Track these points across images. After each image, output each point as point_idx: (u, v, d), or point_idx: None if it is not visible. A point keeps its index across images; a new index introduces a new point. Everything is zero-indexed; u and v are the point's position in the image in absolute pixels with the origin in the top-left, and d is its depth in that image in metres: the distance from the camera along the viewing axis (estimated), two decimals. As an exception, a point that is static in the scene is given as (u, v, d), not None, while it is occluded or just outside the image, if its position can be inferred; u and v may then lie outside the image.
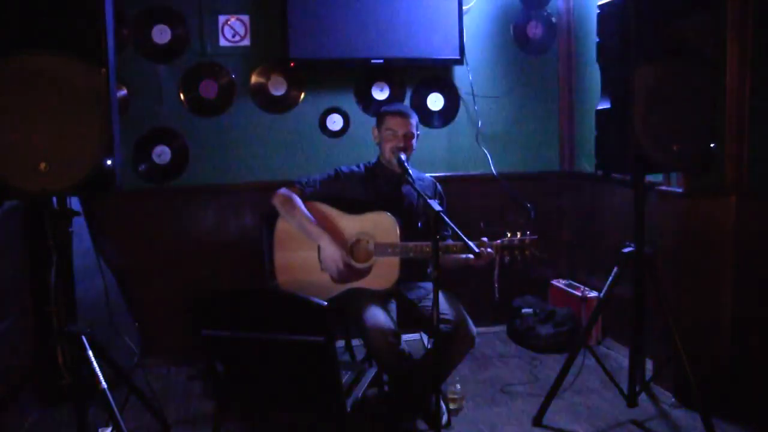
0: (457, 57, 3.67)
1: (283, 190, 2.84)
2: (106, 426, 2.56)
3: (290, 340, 2.01)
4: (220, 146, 3.60)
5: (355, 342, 3.07)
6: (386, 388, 2.66)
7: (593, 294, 3.70)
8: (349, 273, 2.72)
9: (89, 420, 2.36)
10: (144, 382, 2.87)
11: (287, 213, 2.78)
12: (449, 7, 3.62)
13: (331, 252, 2.69)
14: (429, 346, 2.75)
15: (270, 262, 2.88)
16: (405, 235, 2.70)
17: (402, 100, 3.77)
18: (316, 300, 1.95)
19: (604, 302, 2.84)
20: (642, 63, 2.45)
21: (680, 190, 2.94)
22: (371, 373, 2.43)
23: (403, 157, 2.75)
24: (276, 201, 2.82)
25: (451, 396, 2.92)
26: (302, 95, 3.67)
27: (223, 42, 3.54)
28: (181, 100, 3.54)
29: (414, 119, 2.86)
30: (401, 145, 2.80)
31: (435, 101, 3.83)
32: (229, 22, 3.53)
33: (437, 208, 2.17)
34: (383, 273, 2.71)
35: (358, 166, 2.97)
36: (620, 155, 2.53)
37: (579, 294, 3.74)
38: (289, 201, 2.79)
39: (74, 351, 2.31)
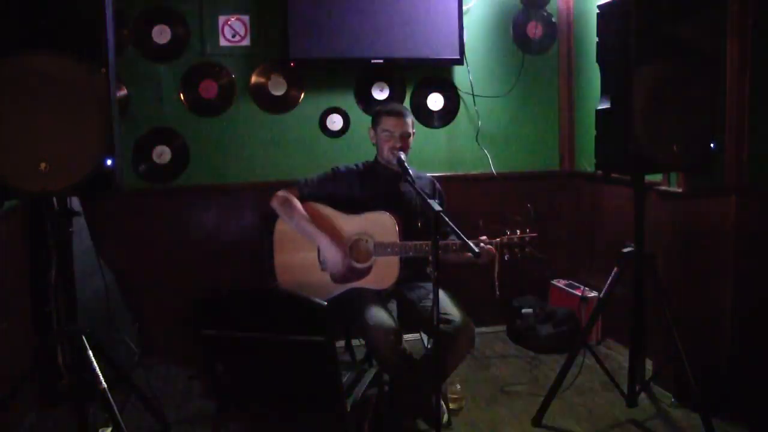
0: (457, 57, 3.67)
1: (281, 192, 2.84)
2: (106, 426, 2.56)
3: (290, 340, 2.00)
4: (220, 146, 3.60)
5: (355, 342, 3.07)
6: (386, 388, 2.66)
7: (593, 294, 3.70)
8: (349, 273, 2.72)
9: (89, 420, 2.36)
10: (144, 382, 2.87)
11: (286, 215, 2.78)
12: (449, 7, 3.62)
13: (332, 253, 2.69)
14: (429, 346, 2.75)
15: (270, 262, 2.88)
16: (404, 235, 2.70)
17: (402, 100, 3.77)
18: (316, 300, 1.95)
19: (604, 302, 2.85)
20: (642, 63, 2.45)
21: (680, 190, 2.94)
22: (371, 373, 2.43)
23: (402, 156, 2.75)
24: (275, 203, 2.82)
25: (451, 396, 2.92)
26: (302, 95, 3.67)
27: (223, 42, 3.54)
28: (181, 100, 3.54)
29: (410, 118, 2.86)
30: (399, 145, 2.80)
31: (435, 101, 3.83)
32: (229, 22, 3.53)
33: (437, 208, 2.17)
34: (383, 272, 2.71)
35: (357, 165, 2.97)
36: (620, 155, 2.53)
37: (579, 294, 3.74)
38: (287, 203, 2.79)
39: (74, 351, 2.31)
